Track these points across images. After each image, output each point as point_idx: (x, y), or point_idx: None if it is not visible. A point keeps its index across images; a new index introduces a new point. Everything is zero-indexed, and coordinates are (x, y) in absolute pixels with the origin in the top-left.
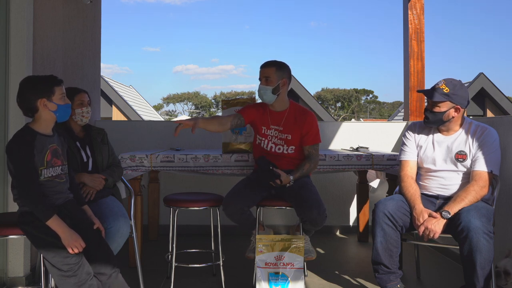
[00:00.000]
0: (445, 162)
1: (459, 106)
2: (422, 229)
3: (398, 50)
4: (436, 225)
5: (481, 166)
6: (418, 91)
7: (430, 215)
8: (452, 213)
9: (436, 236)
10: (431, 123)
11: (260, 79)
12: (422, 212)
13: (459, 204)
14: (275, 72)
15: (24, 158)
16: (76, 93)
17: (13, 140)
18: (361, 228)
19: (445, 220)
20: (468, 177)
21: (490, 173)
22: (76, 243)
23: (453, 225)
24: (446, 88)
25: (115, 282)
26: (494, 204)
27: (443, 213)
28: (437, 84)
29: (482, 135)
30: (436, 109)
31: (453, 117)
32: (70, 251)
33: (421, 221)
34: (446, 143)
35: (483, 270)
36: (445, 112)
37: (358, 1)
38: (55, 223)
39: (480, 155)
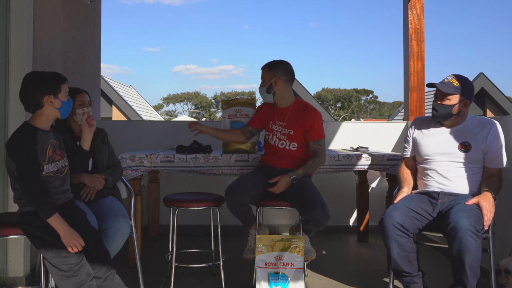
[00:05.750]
0: (446, 153)
1: (467, 101)
2: None
3: (398, 50)
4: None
5: (501, 163)
6: (428, 84)
7: None
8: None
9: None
10: (440, 116)
11: None
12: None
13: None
14: (267, 72)
15: (27, 153)
16: (76, 93)
17: (14, 137)
18: (361, 228)
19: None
20: (471, 170)
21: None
22: (76, 242)
23: (443, 225)
24: (456, 82)
25: (111, 285)
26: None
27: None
28: (446, 78)
29: (491, 130)
30: (446, 102)
31: (461, 110)
32: (70, 249)
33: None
34: (448, 134)
35: (472, 269)
36: (454, 105)
37: (358, 1)
38: (56, 221)
39: (496, 152)
